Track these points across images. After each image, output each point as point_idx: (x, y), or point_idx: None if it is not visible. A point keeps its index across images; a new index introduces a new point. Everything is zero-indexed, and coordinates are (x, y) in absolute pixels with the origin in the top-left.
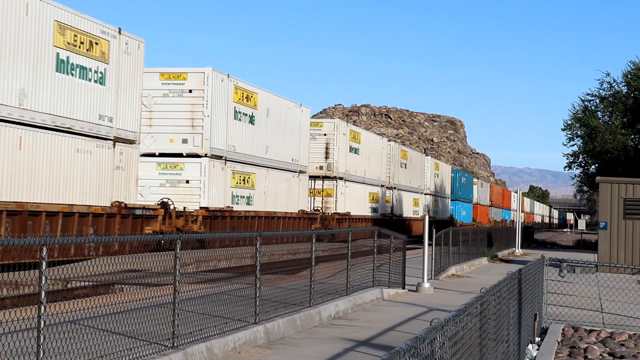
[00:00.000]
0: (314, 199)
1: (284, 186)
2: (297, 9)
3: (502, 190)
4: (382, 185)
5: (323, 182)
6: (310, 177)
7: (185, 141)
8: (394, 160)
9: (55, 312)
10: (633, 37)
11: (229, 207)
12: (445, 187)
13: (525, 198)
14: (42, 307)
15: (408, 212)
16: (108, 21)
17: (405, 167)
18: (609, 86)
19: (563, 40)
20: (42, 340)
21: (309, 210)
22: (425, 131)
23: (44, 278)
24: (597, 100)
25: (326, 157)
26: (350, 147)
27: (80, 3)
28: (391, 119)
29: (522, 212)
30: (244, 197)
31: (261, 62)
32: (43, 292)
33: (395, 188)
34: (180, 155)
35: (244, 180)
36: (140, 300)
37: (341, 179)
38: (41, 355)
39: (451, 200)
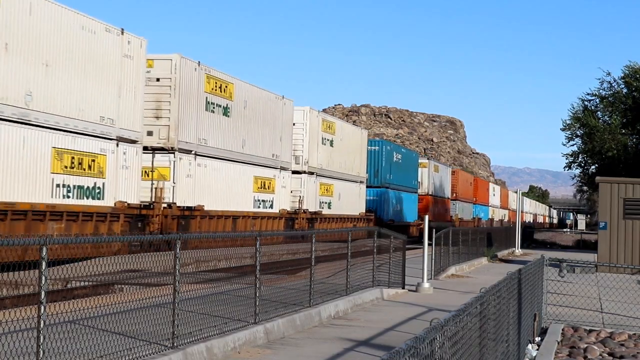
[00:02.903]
0: None
1: None
2: (297, 9)
3: (474, 180)
4: (153, 149)
5: None
6: None
7: None
8: (183, 97)
9: (55, 312)
10: (633, 37)
11: None
12: (354, 165)
13: (510, 193)
14: (42, 307)
15: (239, 201)
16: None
17: (228, 115)
18: (609, 86)
19: (563, 40)
20: (42, 340)
21: None
22: (425, 131)
23: (43, 278)
24: (597, 100)
25: None
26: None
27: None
28: (391, 119)
29: (508, 209)
30: None
31: (261, 62)
32: (43, 292)
33: (191, 153)
34: None
35: None
36: (140, 300)
37: None
38: (41, 355)
39: (369, 187)
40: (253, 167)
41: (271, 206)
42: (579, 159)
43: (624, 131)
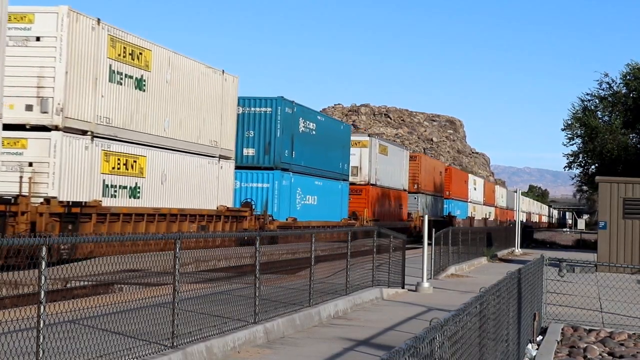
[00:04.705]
0: None
1: None
2: (297, 9)
3: (447, 170)
4: None
5: None
6: None
7: None
8: None
9: (55, 312)
10: (633, 38)
11: None
12: (205, 129)
13: (498, 188)
14: (42, 307)
15: None
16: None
17: None
18: (607, 86)
19: (563, 40)
20: (41, 340)
21: None
22: (425, 131)
23: (43, 278)
24: (597, 101)
25: None
26: None
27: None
28: (391, 118)
29: (495, 207)
30: None
31: (261, 62)
32: (43, 292)
33: None
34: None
35: None
36: (140, 300)
37: None
38: (41, 355)
39: (253, 168)
40: None
41: None
42: (579, 159)
43: (624, 131)
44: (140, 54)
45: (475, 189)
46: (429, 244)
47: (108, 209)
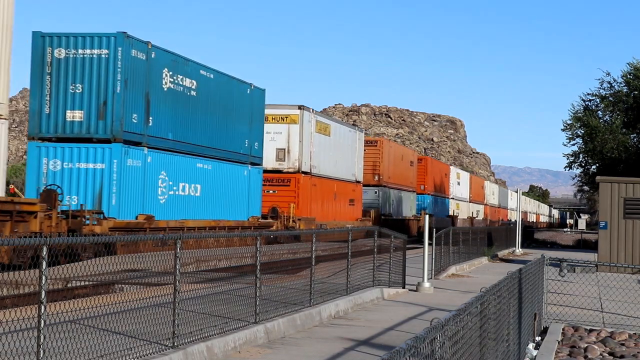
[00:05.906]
0: None
1: None
2: (298, 9)
3: (422, 160)
4: None
5: None
6: None
7: None
8: None
9: (56, 312)
10: (633, 37)
11: None
12: None
13: (488, 183)
14: (42, 307)
15: None
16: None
17: None
18: (609, 86)
19: (564, 40)
20: (42, 340)
21: None
22: (425, 131)
23: (44, 278)
24: (598, 100)
25: None
26: None
27: None
28: (391, 118)
29: (484, 204)
30: None
31: (262, 62)
32: (43, 292)
33: None
34: None
35: None
36: (141, 300)
37: None
38: (41, 355)
39: (70, 142)
40: None
41: None
42: (580, 159)
43: (624, 131)
44: None
45: (459, 183)
46: (429, 244)
47: None
